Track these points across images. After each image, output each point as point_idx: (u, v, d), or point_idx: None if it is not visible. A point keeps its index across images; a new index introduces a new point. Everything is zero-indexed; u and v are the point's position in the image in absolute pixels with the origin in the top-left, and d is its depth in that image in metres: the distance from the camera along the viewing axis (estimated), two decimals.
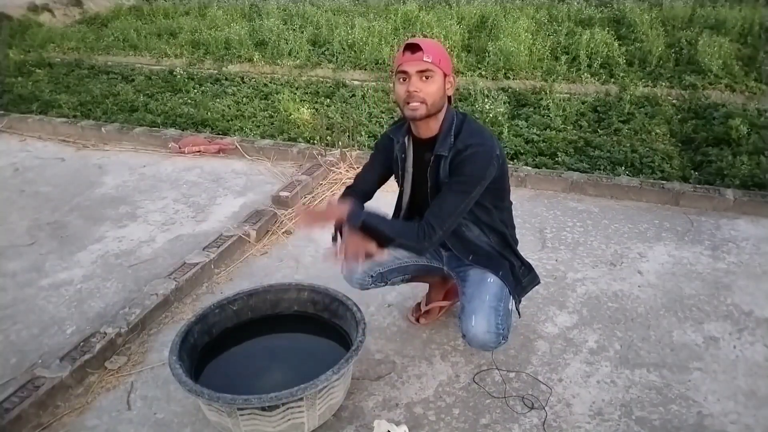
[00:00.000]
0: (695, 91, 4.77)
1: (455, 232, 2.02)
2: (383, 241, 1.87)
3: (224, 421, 1.73)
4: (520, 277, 2.14)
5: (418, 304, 2.46)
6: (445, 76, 1.87)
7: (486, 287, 2.03)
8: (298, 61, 6.01)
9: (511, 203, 2.14)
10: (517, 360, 2.20)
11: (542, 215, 3.21)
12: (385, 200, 2.17)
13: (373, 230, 1.84)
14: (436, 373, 2.15)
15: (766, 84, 4.80)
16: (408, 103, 1.85)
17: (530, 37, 5.77)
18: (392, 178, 2.17)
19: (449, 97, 1.94)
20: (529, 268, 2.19)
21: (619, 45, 5.69)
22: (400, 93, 1.86)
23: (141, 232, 3.19)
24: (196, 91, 5.48)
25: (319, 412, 1.80)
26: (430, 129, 1.94)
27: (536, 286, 2.25)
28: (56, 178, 3.92)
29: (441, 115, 1.93)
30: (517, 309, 2.15)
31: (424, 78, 1.82)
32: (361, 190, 2.13)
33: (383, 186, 2.19)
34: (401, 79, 1.85)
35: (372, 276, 2.19)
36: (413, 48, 1.81)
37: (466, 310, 2.01)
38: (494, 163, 1.90)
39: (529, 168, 3.63)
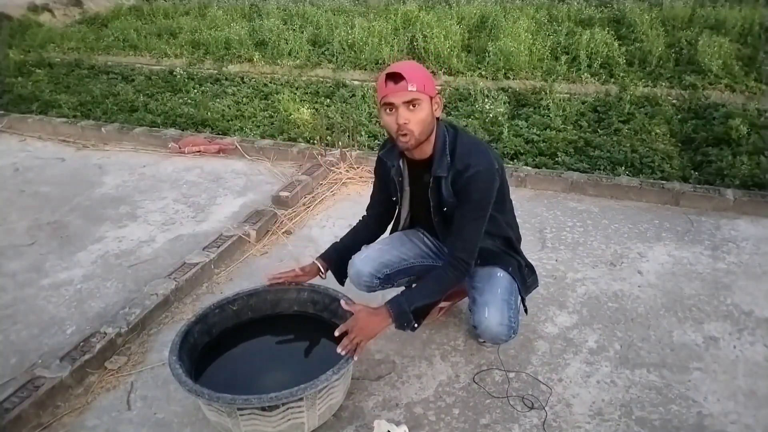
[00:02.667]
0: (695, 91, 4.77)
1: None
2: (429, 309, 2.06)
3: (224, 421, 1.73)
4: (525, 276, 2.15)
5: None
6: (432, 98, 1.83)
7: (497, 281, 2.05)
8: (298, 61, 6.01)
9: (511, 202, 2.14)
10: (517, 360, 2.20)
11: (542, 215, 3.21)
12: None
13: (422, 309, 1.96)
14: (436, 373, 2.15)
15: (766, 84, 4.79)
16: (399, 136, 1.83)
17: (530, 37, 5.76)
18: None
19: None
20: (531, 269, 2.21)
21: (619, 45, 5.68)
22: (390, 124, 1.83)
23: (141, 232, 3.19)
24: (196, 91, 5.48)
25: (319, 412, 1.80)
26: (423, 152, 1.94)
27: (535, 288, 2.29)
28: (56, 178, 3.92)
29: (432, 137, 1.92)
30: (524, 305, 2.16)
31: (411, 107, 1.79)
32: (376, 213, 2.25)
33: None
34: (388, 110, 1.81)
35: (379, 278, 2.18)
36: (396, 78, 1.76)
37: (479, 302, 2.02)
38: (496, 178, 1.91)
39: (529, 168, 3.63)
